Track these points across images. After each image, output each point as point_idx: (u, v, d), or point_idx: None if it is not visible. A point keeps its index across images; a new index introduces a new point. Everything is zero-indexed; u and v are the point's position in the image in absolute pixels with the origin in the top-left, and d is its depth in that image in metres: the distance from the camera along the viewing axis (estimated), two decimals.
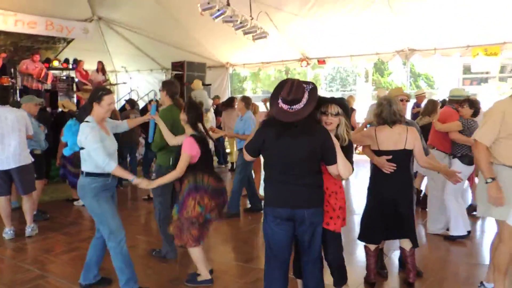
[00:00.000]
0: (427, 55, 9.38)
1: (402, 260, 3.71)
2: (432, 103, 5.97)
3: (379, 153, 3.32)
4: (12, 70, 10.04)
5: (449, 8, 7.51)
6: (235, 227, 5.34)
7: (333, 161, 2.55)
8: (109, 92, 3.32)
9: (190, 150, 3.33)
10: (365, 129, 3.82)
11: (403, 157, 3.29)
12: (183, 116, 3.48)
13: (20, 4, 9.38)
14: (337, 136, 2.70)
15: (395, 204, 3.31)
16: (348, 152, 2.68)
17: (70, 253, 4.33)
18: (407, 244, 3.43)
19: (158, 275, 3.78)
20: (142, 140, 8.20)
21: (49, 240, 4.74)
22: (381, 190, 3.38)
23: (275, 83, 26.30)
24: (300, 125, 2.46)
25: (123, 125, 3.70)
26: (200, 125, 3.54)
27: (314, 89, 2.54)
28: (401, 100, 3.72)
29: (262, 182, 6.89)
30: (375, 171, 3.41)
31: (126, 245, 3.29)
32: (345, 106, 2.75)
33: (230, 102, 8.62)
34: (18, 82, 10.03)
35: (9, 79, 9.81)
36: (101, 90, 3.29)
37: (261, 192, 6.63)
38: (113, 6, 10.41)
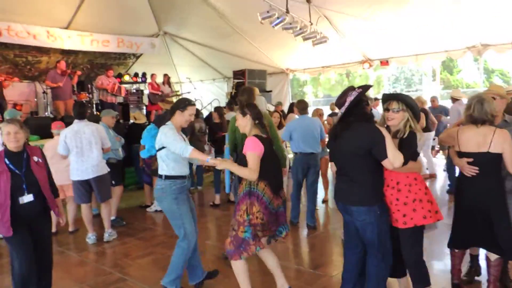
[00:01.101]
0: (502, 50, 8.72)
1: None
2: None
3: (461, 154, 3.15)
4: (89, 86, 10.92)
5: None
6: (297, 232, 5.34)
7: (383, 156, 2.69)
8: (194, 104, 3.54)
9: (254, 149, 3.04)
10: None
11: (486, 161, 3.02)
12: (240, 121, 3.22)
13: (94, 24, 10.20)
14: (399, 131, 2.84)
15: (481, 211, 3.08)
16: (405, 144, 2.78)
17: (146, 257, 4.59)
18: (492, 253, 3.19)
19: (229, 279, 3.89)
20: (206, 147, 8.48)
21: (126, 245, 5.07)
22: (464, 195, 3.20)
23: (335, 86, 26.07)
24: (349, 124, 2.78)
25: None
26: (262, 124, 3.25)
27: (359, 92, 2.79)
28: (493, 98, 3.33)
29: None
30: (460, 174, 3.24)
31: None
32: (408, 102, 2.82)
33: (291, 107, 8.71)
34: (94, 97, 10.87)
35: (87, 94, 10.68)
36: (187, 100, 3.51)
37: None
38: (178, 21, 10.96)
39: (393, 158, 2.68)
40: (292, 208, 5.52)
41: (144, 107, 11.61)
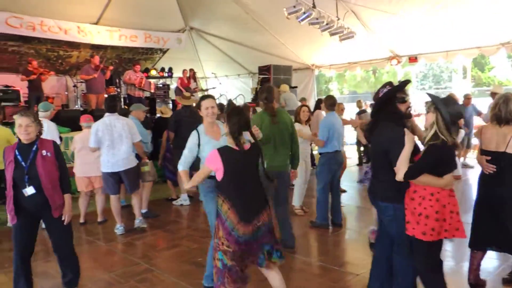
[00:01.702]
0: None
1: None
2: None
3: (482, 152, 3.18)
4: (117, 80, 11.15)
5: None
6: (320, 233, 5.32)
7: (394, 163, 2.66)
8: (206, 97, 3.47)
9: (208, 163, 2.82)
10: None
11: (504, 161, 3.00)
12: (225, 128, 2.87)
13: (123, 20, 10.39)
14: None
15: (498, 210, 3.05)
16: (422, 155, 2.68)
17: (172, 249, 4.68)
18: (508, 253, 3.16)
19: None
20: None
21: (153, 237, 5.18)
22: (482, 193, 3.22)
23: (361, 83, 25.65)
24: (377, 123, 2.87)
25: None
26: (244, 136, 2.87)
27: (390, 89, 2.82)
28: None
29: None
30: (481, 172, 3.26)
31: None
32: (436, 104, 2.61)
33: (318, 104, 8.66)
34: (122, 91, 11.10)
35: (115, 88, 10.90)
36: (202, 97, 3.50)
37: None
38: (204, 16, 11.04)
39: (397, 169, 2.64)
40: (320, 209, 5.26)
41: (171, 102, 11.76)
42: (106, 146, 5.05)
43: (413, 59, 10.26)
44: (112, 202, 5.31)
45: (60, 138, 5.91)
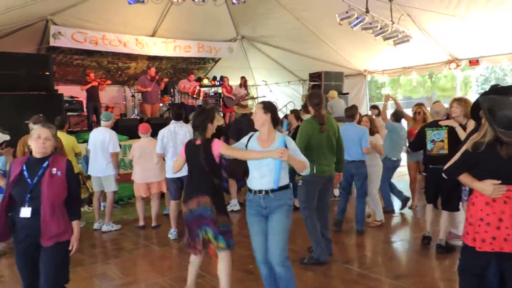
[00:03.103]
0: None
1: None
2: None
3: None
4: (172, 89, 11.56)
5: None
6: (369, 239, 5.14)
7: None
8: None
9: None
10: None
11: None
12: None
13: (177, 31, 10.79)
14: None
15: None
16: None
17: None
18: None
19: (304, 284, 3.86)
20: None
21: None
22: None
23: (417, 88, 24.67)
24: None
25: None
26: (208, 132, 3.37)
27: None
28: None
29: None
30: None
31: None
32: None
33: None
34: (176, 100, 11.49)
35: (169, 97, 11.31)
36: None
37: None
38: (255, 25, 11.17)
39: None
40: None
41: (221, 109, 11.99)
42: (171, 152, 5.23)
43: (474, 62, 9.68)
44: (172, 206, 5.49)
45: (120, 146, 6.20)
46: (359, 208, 5.38)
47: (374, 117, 8.11)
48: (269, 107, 3.21)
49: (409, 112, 7.14)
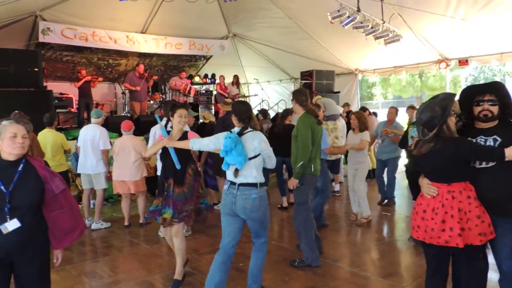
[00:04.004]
0: None
1: None
2: None
3: None
4: (162, 86, 11.49)
5: None
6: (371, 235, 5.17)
7: None
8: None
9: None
10: None
11: None
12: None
13: (168, 28, 10.72)
14: None
15: None
16: None
17: (214, 253, 4.60)
18: None
19: (294, 282, 3.87)
20: None
21: (195, 240, 5.24)
22: None
23: (406, 87, 24.85)
24: None
25: None
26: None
27: None
28: None
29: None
30: None
31: None
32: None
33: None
34: (167, 97, 11.42)
35: (160, 95, 11.24)
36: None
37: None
38: (247, 23, 11.15)
39: None
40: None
41: (213, 107, 11.96)
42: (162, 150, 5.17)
43: (463, 62, 9.77)
44: None
45: (110, 143, 6.14)
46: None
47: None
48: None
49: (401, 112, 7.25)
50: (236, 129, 3.31)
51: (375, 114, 9.94)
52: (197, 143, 3.53)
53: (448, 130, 2.59)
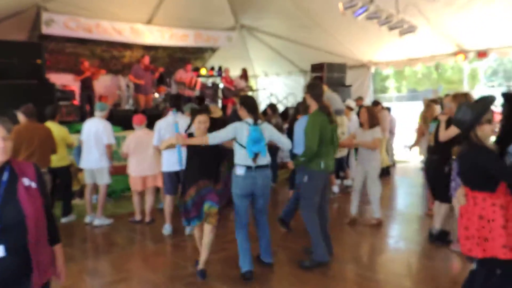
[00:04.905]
0: None
1: None
2: None
3: None
4: (168, 79, 11.48)
5: None
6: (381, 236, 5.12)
7: None
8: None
9: None
10: None
11: None
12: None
13: (174, 20, 10.68)
14: None
15: None
16: None
17: (219, 253, 4.68)
18: None
19: (302, 285, 3.84)
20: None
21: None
22: None
23: (422, 80, 24.55)
24: None
25: None
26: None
27: None
28: None
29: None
30: None
31: None
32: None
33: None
34: (172, 90, 11.41)
35: (166, 88, 11.24)
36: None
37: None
38: (255, 14, 11.07)
39: None
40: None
41: (220, 101, 11.92)
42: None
43: (482, 54, 9.60)
44: (167, 201, 5.46)
45: (114, 138, 6.14)
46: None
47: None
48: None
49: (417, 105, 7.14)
50: (250, 120, 3.85)
51: (388, 109, 9.81)
52: (216, 138, 3.82)
53: (475, 137, 2.56)
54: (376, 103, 9.28)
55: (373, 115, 5.53)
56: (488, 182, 2.53)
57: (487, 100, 2.62)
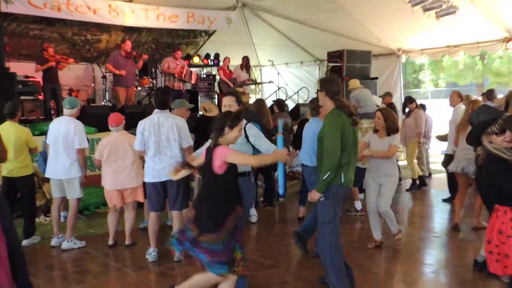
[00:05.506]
0: None
1: None
2: None
3: None
4: (153, 69, 11.53)
5: None
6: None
7: None
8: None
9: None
10: None
11: None
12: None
13: None
14: None
15: None
16: None
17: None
18: None
19: None
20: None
21: (190, 266, 5.16)
22: None
23: (464, 72, 24.58)
24: None
25: None
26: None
27: None
28: None
29: None
30: None
31: None
32: None
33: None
34: (158, 82, 11.45)
35: (150, 79, 11.28)
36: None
37: None
38: None
39: None
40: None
41: (216, 96, 11.95)
42: (153, 149, 5.12)
43: None
44: (152, 220, 5.37)
45: (87, 141, 6.16)
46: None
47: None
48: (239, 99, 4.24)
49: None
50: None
51: (423, 106, 9.81)
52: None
53: (487, 146, 2.80)
54: (410, 99, 9.24)
55: (391, 119, 5.39)
56: (504, 196, 2.72)
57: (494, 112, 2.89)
